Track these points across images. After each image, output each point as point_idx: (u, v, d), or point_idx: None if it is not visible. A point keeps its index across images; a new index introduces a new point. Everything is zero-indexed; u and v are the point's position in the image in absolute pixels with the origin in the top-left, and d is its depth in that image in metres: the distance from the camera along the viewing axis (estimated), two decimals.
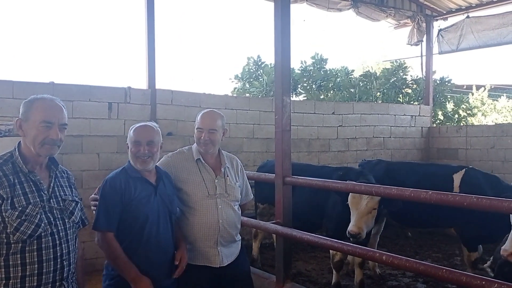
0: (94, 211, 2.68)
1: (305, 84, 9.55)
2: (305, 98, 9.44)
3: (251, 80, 9.59)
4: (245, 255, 3.24)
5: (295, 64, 9.72)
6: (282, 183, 3.86)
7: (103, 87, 5.88)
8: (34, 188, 2.10)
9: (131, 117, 5.95)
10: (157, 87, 6.31)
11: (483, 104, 14.36)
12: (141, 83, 6.37)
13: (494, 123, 12.22)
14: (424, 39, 9.28)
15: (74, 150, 5.47)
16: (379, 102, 9.61)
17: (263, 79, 9.20)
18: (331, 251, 4.73)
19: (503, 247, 3.28)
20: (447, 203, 2.72)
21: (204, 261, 2.90)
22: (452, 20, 9.24)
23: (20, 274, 2.01)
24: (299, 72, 9.53)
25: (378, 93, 9.95)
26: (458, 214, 4.73)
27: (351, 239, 3.91)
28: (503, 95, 16.33)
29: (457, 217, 4.83)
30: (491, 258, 5.45)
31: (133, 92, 6.08)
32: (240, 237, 3.15)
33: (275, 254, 5.74)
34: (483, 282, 2.43)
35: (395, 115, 8.81)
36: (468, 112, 11.40)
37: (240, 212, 3.14)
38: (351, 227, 4.01)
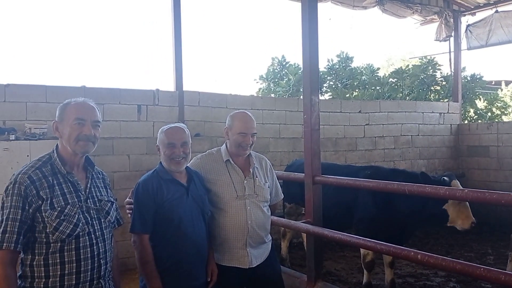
0: (129, 215, 2.73)
1: (331, 83, 9.49)
2: (331, 97, 9.38)
3: (276, 80, 9.59)
4: (275, 256, 3.23)
5: (321, 63, 9.69)
6: (312, 182, 3.84)
7: (132, 90, 5.98)
8: (72, 189, 2.16)
9: (159, 119, 6.04)
10: (184, 89, 6.38)
11: None
12: (169, 85, 6.46)
13: None
14: (452, 34, 9.09)
15: (105, 152, 5.58)
16: (407, 99, 9.46)
17: (288, 79, 9.18)
18: (362, 251, 4.69)
19: None
20: (484, 200, 2.66)
21: (234, 262, 2.91)
22: (481, 15, 9.05)
23: (59, 272, 2.07)
24: (325, 70, 9.48)
25: (407, 91, 9.81)
26: None
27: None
28: None
29: None
30: None
31: (161, 94, 6.16)
32: (271, 238, 3.14)
33: (304, 253, 5.74)
34: None
35: (423, 113, 8.66)
36: (502, 110, 11.11)
37: (269, 213, 3.13)
38: (473, 218, 4.35)
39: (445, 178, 4.35)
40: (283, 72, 9.57)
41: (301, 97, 8.35)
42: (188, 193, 2.72)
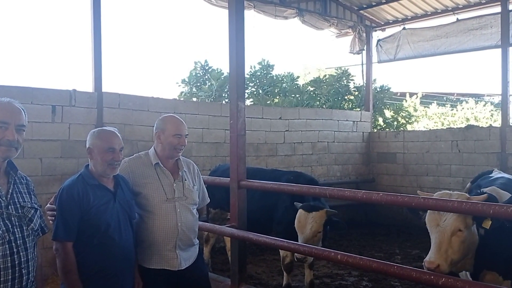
0: (51, 221, 2.60)
1: (253, 89, 9.67)
2: (252, 103, 9.56)
3: (199, 84, 9.57)
4: (203, 259, 3.31)
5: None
6: (237, 186, 3.91)
7: (46, 89, 5.64)
8: None
9: (76, 121, 5.75)
10: (103, 90, 6.14)
11: (416, 110, 15.23)
12: (87, 86, 6.18)
13: (427, 129, 12.98)
14: (365, 48, 9.72)
15: None
16: (324, 108, 9.91)
17: (211, 84, 9.21)
18: (281, 253, 4.84)
19: (426, 259, 2.81)
20: (397, 203, 2.89)
21: (163, 264, 2.92)
22: (390, 31, 9.77)
23: None
24: (247, 76, 9.63)
25: (324, 99, 10.29)
26: None
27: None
28: (433, 102, 17.46)
29: None
30: None
31: (79, 95, 5.88)
32: (198, 241, 3.19)
33: (225, 258, 5.78)
34: (432, 277, 2.61)
35: (338, 121, 9.13)
36: (406, 119, 12.04)
37: (198, 216, 3.19)
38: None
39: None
40: (206, 77, 9.57)
41: (224, 102, 8.44)
42: (115, 198, 2.67)
